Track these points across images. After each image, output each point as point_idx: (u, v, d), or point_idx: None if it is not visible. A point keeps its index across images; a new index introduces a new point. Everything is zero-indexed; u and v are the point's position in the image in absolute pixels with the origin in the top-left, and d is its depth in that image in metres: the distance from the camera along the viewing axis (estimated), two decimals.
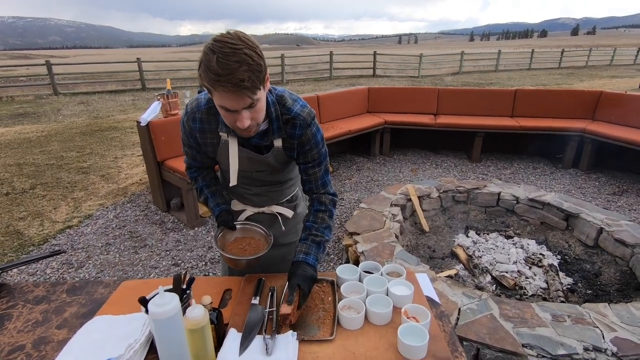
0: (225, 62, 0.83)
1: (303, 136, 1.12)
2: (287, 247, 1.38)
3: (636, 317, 1.79)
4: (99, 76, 14.62)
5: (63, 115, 8.41)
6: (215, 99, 0.93)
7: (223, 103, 0.91)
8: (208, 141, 1.15)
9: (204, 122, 1.11)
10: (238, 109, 0.92)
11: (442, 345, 0.97)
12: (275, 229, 1.34)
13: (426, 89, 5.54)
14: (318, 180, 1.20)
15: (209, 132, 1.13)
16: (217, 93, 0.89)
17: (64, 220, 3.36)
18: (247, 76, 0.85)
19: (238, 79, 0.85)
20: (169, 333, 0.83)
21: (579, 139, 4.55)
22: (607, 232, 2.64)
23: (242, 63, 0.84)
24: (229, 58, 0.83)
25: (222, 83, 0.85)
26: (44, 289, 1.26)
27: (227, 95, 0.88)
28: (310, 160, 1.17)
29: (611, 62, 22.91)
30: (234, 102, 0.90)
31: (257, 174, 1.21)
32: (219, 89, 0.87)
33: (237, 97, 0.89)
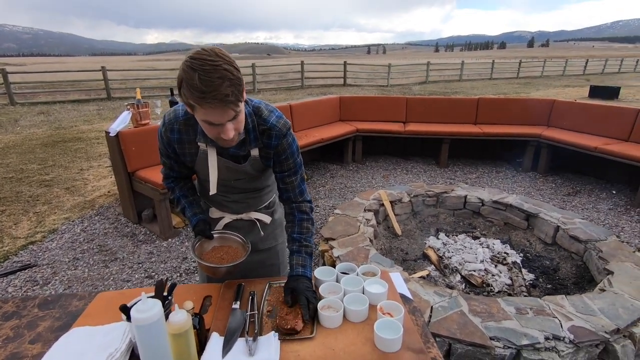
0: (207, 79, 0.86)
1: (279, 146, 1.16)
2: (265, 252, 1.42)
3: (589, 306, 1.94)
4: (59, 85, 13.98)
5: (21, 126, 7.97)
6: (199, 115, 0.95)
7: (208, 118, 0.94)
8: (186, 151, 1.17)
9: (182, 132, 1.13)
10: (223, 122, 0.95)
11: (416, 337, 1.03)
12: (254, 235, 1.37)
13: (395, 98, 5.75)
14: (295, 189, 1.24)
15: (187, 142, 1.15)
16: (203, 109, 0.91)
17: (26, 235, 3.19)
18: (230, 91, 0.89)
19: (223, 94, 0.88)
20: (152, 339, 0.84)
21: (536, 144, 4.87)
22: (563, 229, 2.84)
23: (224, 79, 0.88)
24: (211, 75, 0.86)
25: (207, 100, 0.88)
26: (13, 304, 1.22)
27: (213, 111, 0.91)
28: (286, 169, 1.21)
29: (563, 72, 24.59)
30: (219, 117, 0.93)
31: (235, 182, 1.24)
32: (205, 105, 0.90)
33: (223, 112, 0.92)
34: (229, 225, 1.34)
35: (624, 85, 16.04)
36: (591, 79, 20.07)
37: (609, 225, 3.49)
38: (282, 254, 1.50)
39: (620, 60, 30.20)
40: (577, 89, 16.09)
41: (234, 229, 1.31)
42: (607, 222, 3.54)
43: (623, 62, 29.55)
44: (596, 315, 1.87)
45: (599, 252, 2.51)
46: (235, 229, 1.31)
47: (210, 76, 0.86)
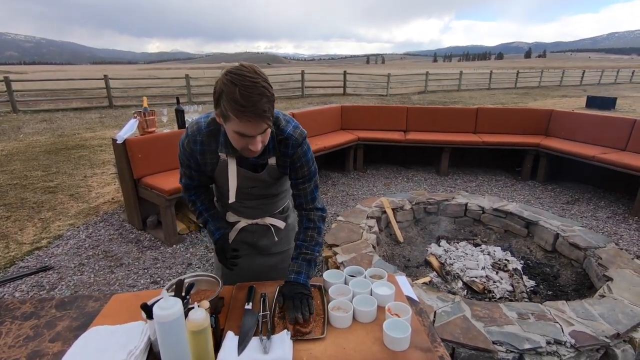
0: (247, 94, 0.92)
1: (295, 155, 1.21)
2: (278, 256, 1.46)
3: (590, 312, 1.98)
4: (61, 93, 14.09)
5: (24, 133, 8.04)
6: (232, 126, 0.99)
7: (242, 130, 0.99)
8: (208, 161, 1.22)
9: (204, 144, 1.18)
10: (255, 135, 1.00)
11: (423, 337, 1.07)
12: (268, 239, 1.42)
13: (396, 107, 5.84)
14: (308, 196, 1.29)
15: (208, 153, 1.20)
16: (239, 121, 0.96)
17: (32, 241, 3.22)
18: (267, 107, 0.96)
19: (261, 110, 0.94)
20: (173, 335, 0.88)
21: (535, 153, 4.94)
22: (563, 237, 2.88)
23: (263, 95, 0.94)
24: (251, 91, 0.92)
25: (246, 113, 0.94)
26: (31, 305, 1.25)
27: (248, 124, 0.97)
28: (300, 176, 1.26)
29: (561, 82, 24.88)
30: (252, 130, 0.99)
31: (252, 189, 1.29)
32: (242, 118, 0.95)
33: (257, 125, 0.98)
34: (244, 229, 1.39)
35: (620, 95, 16.25)
36: (588, 90, 20.32)
37: (607, 233, 3.53)
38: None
39: (617, 71, 30.58)
40: (575, 99, 16.28)
41: (249, 233, 1.37)
42: (605, 230, 3.58)
43: (619, 73, 29.92)
44: (596, 320, 1.91)
45: (599, 259, 2.55)
46: (249, 233, 1.36)
47: (251, 92, 0.92)
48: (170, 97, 14.10)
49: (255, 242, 1.43)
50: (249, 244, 1.43)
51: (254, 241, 1.43)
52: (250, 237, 1.42)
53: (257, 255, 1.46)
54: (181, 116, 3.52)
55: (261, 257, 1.45)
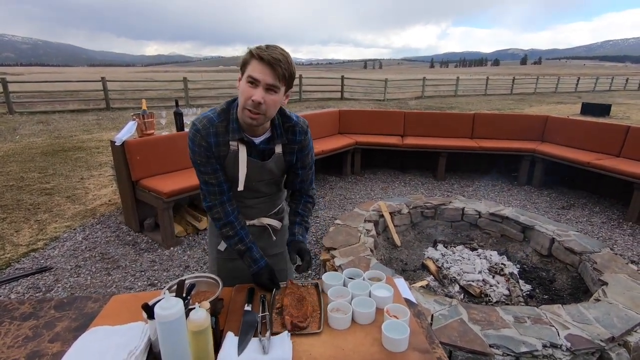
0: (272, 49, 1.10)
1: (303, 141, 1.31)
2: (274, 258, 1.47)
3: (585, 316, 2.00)
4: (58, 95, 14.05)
5: (20, 134, 8.00)
6: (248, 70, 1.11)
7: (255, 72, 1.09)
8: (221, 153, 1.24)
9: (218, 135, 1.21)
10: (262, 80, 1.09)
11: (421, 338, 1.08)
12: (264, 241, 1.44)
13: (394, 112, 5.87)
14: (308, 180, 1.40)
15: (222, 144, 1.22)
16: (255, 63, 1.09)
17: (28, 243, 3.20)
18: (283, 60, 1.09)
19: (277, 58, 1.08)
20: (174, 335, 0.89)
21: (530, 159, 4.99)
22: (559, 242, 2.91)
23: (283, 55, 1.11)
24: (276, 50, 1.10)
25: (264, 54, 1.08)
26: (29, 305, 1.25)
27: (262, 67, 1.08)
28: (306, 164, 1.36)
29: (556, 89, 25.13)
30: (264, 75, 1.09)
31: (257, 184, 1.32)
32: (259, 59, 1.08)
33: (269, 72, 1.08)
34: None
35: (614, 102, 16.44)
36: (583, 96, 20.53)
37: (602, 238, 3.57)
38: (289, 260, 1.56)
39: (611, 79, 30.95)
40: (570, 105, 16.45)
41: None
42: (600, 235, 3.62)
43: (613, 81, 30.28)
44: (592, 324, 1.93)
45: (594, 263, 2.57)
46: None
47: (274, 49, 1.10)
48: (167, 99, 14.10)
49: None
50: None
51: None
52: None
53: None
54: (180, 119, 3.53)
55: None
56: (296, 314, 1.11)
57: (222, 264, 1.47)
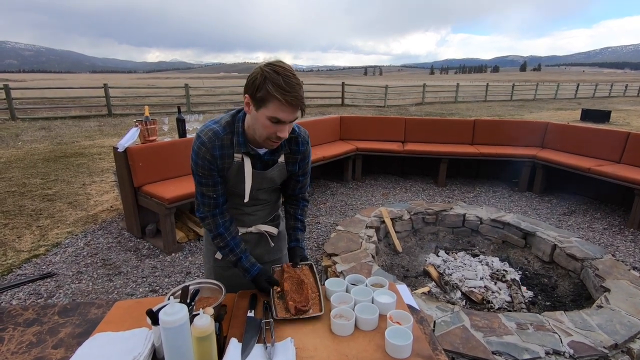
0: (290, 82, 1.05)
1: (305, 151, 1.35)
2: (273, 264, 1.48)
3: (587, 322, 1.99)
4: (60, 101, 14.13)
5: (23, 141, 8.03)
6: (269, 112, 1.08)
7: (279, 114, 1.08)
8: (225, 165, 1.24)
9: (224, 147, 1.21)
10: (287, 120, 1.10)
11: (424, 345, 1.08)
12: (262, 248, 1.47)
13: (394, 119, 5.90)
14: (305, 186, 1.46)
15: (226, 157, 1.23)
16: (279, 105, 1.06)
17: (30, 249, 3.20)
18: (302, 95, 1.09)
19: (300, 96, 1.08)
20: (178, 340, 0.89)
21: (531, 165, 4.99)
22: (560, 248, 2.91)
23: (300, 85, 1.09)
24: (292, 80, 1.06)
25: (289, 97, 1.05)
26: (33, 311, 1.25)
27: (286, 108, 1.07)
28: (306, 171, 1.41)
29: (555, 95, 25.22)
30: (289, 115, 1.09)
31: (257, 192, 1.33)
32: (283, 102, 1.05)
33: (293, 111, 1.09)
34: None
35: (614, 109, 16.49)
36: (582, 103, 20.60)
37: (604, 244, 3.56)
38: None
39: (610, 85, 31.07)
40: (570, 111, 16.50)
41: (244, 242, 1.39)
42: (602, 241, 3.61)
43: (613, 87, 30.40)
44: (594, 330, 1.92)
45: (596, 270, 2.57)
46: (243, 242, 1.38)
47: (292, 81, 1.06)
48: (169, 106, 14.17)
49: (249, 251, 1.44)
50: None
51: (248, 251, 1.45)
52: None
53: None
54: (182, 125, 3.55)
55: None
56: (298, 298, 1.15)
57: (220, 272, 1.46)
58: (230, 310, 1.24)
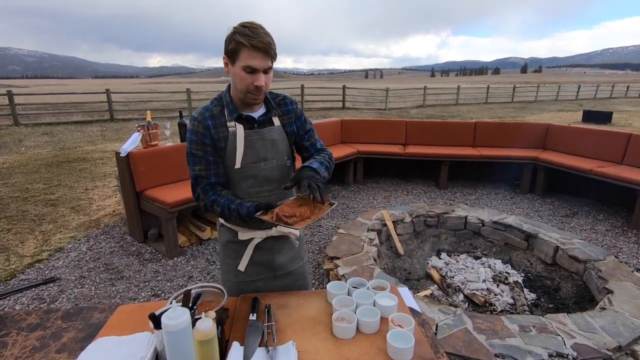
0: (256, 30, 1.13)
1: (297, 109, 1.40)
2: (294, 274, 1.47)
3: (591, 324, 1.98)
4: (63, 106, 14.21)
5: (26, 146, 8.09)
6: (242, 61, 1.14)
7: (249, 62, 1.13)
8: (220, 135, 1.26)
9: (215, 117, 1.26)
10: (260, 68, 1.15)
11: (426, 347, 1.08)
12: (284, 255, 1.43)
13: (395, 121, 5.91)
14: (317, 142, 1.44)
15: (220, 126, 1.26)
16: (247, 52, 1.12)
17: (33, 254, 3.22)
18: (272, 42, 1.15)
19: (267, 42, 1.13)
20: (181, 344, 0.90)
21: (533, 167, 4.99)
22: (563, 250, 2.90)
23: (268, 35, 1.15)
24: (259, 30, 1.13)
25: (254, 41, 1.11)
26: (37, 316, 1.26)
27: (255, 54, 1.13)
28: (308, 128, 1.42)
29: (557, 97, 25.20)
30: (259, 61, 1.14)
31: (265, 166, 1.29)
32: (251, 48, 1.11)
33: (263, 57, 1.14)
34: (259, 247, 1.38)
35: (616, 110, 16.46)
36: (584, 104, 20.58)
37: (607, 245, 3.55)
38: (307, 273, 1.56)
39: (612, 86, 31.04)
40: (571, 113, 16.48)
41: (264, 251, 1.37)
42: (605, 243, 3.60)
43: (614, 88, 30.36)
44: (598, 333, 1.91)
45: (599, 271, 2.56)
46: (265, 250, 1.37)
47: (257, 30, 1.13)
48: (171, 110, 14.24)
49: (272, 260, 1.42)
50: (265, 264, 1.42)
51: (271, 260, 1.42)
52: (266, 256, 1.41)
53: (274, 279, 1.44)
54: (184, 130, 3.57)
55: (278, 280, 1.44)
56: (287, 211, 1.13)
57: (244, 287, 1.42)
58: (232, 314, 1.24)
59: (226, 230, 1.42)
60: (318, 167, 1.26)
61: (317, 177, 1.20)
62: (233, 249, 1.42)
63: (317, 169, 1.25)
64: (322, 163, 1.31)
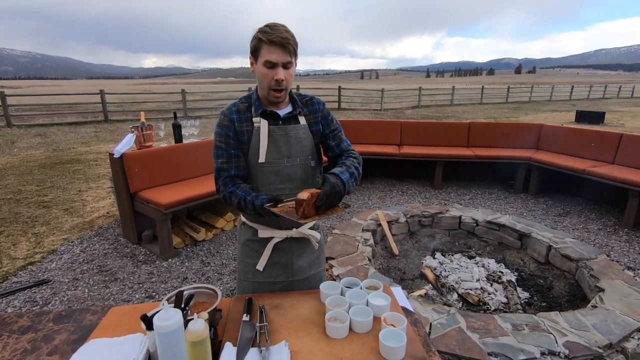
0: (275, 26, 1.19)
1: (324, 109, 1.42)
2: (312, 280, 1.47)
3: (582, 322, 2.01)
4: (56, 108, 14.10)
5: (18, 148, 8.01)
6: (263, 56, 1.20)
7: (268, 56, 1.19)
8: (244, 129, 1.31)
9: (240, 112, 1.32)
10: (279, 62, 1.19)
11: (418, 346, 1.09)
12: (304, 259, 1.43)
13: (390, 122, 5.93)
14: (344, 142, 1.45)
15: (245, 121, 1.31)
16: (266, 47, 1.18)
17: (25, 256, 3.19)
18: (290, 36, 1.19)
19: (285, 37, 1.18)
20: (173, 346, 0.90)
21: (526, 167, 5.03)
22: (555, 249, 2.93)
23: (287, 31, 1.19)
24: (278, 27, 1.19)
25: (272, 36, 1.16)
26: (28, 319, 1.25)
27: (273, 49, 1.18)
28: (334, 127, 1.43)
29: (551, 97, 25.42)
30: (278, 55, 1.18)
31: (288, 163, 1.31)
32: (270, 42, 1.17)
33: (282, 52, 1.18)
34: (277, 248, 1.38)
35: (608, 110, 16.64)
36: (577, 104, 20.78)
37: (599, 244, 3.59)
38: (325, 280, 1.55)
39: (604, 87, 31.37)
40: (565, 113, 16.63)
41: (283, 252, 1.38)
42: (597, 242, 3.64)
43: (607, 89, 30.68)
44: (589, 330, 1.93)
45: (590, 270, 2.59)
46: (284, 252, 1.37)
47: (277, 27, 1.19)
48: (166, 111, 14.17)
49: (291, 263, 1.41)
50: (284, 266, 1.42)
51: (290, 262, 1.42)
52: (285, 257, 1.41)
53: (291, 284, 1.43)
54: (178, 131, 3.56)
55: (296, 286, 1.44)
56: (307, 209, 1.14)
57: (260, 289, 1.41)
58: (225, 315, 1.24)
59: (247, 229, 1.43)
60: (346, 180, 1.23)
61: (340, 192, 1.19)
62: (252, 248, 1.42)
63: (345, 182, 1.22)
64: (352, 174, 1.28)
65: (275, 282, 1.42)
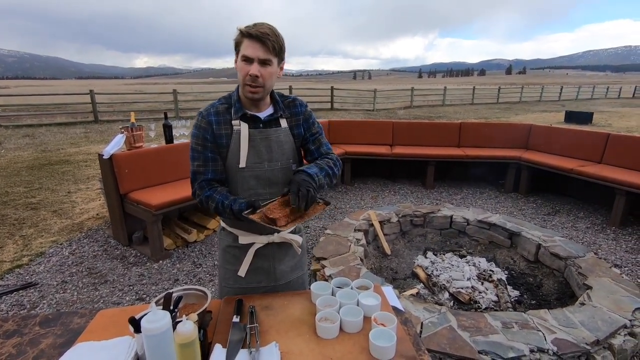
0: (260, 24, 1.17)
1: (305, 112, 1.40)
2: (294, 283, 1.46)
3: (570, 320, 2.03)
4: (45, 108, 13.89)
5: (6, 148, 7.87)
6: (241, 50, 1.18)
7: (246, 51, 1.16)
8: (222, 132, 1.27)
9: (219, 114, 1.28)
10: (255, 57, 1.16)
11: (408, 345, 1.10)
12: (285, 263, 1.42)
13: (382, 122, 5.96)
14: (324, 145, 1.41)
15: (223, 123, 1.28)
16: (245, 42, 1.16)
17: (12, 259, 3.13)
18: (270, 32, 1.16)
19: (264, 32, 1.15)
20: (161, 348, 0.89)
21: (516, 166, 5.09)
22: (545, 247, 2.97)
23: (269, 28, 1.17)
24: (263, 24, 1.18)
25: (252, 31, 1.15)
26: (14, 322, 1.23)
27: (252, 44, 1.16)
28: (315, 131, 1.41)
29: (540, 98, 25.77)
30: (255, 50, 1.16)
31: (269, 167, 1.29)
32: (249, 37, 1.15)
33: (260, 47, 1.16)
34: (259, 253, 1.36)
35: (596, 110, 16.91)
36: (566, 105, 21.07)
37: (587, 242, 3.64)
38: (307, 282, 1.56)
39: (593, 87, 31.88)
40: (554, 113, 16.87)
41: (265, 257, 1.36)
42: (585, 240, 3.69)
43: (595, 89, 31.19)
44: (577, 327, 1.96)
45: (579, 268, 2.63)
46: (265, 257, 1.36)
47: (261, 24, 1.18)
48: (157, 112, 14.04)
49: (273, 268, 1.40)
50: (266, 271, 1.41)
51: (272, 267, 1.41)
52: (267, 263, 1.40)
53: (274, 289, 1.42)
54: (169, 131, 3.53)
55: (279, 289, 1.43)
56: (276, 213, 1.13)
57: (243, 294, 1.37)
58: (215, 316, 1.23)
59: (226, 235, 1.40)
60: (315, 173, 1.21)
61: (310, 184, 1.15)
62: (233, 254, 1.40)
63: (313, 175, 1.19)
64: (322, 169, 1.27)
65: (258, 287, 1.40)
